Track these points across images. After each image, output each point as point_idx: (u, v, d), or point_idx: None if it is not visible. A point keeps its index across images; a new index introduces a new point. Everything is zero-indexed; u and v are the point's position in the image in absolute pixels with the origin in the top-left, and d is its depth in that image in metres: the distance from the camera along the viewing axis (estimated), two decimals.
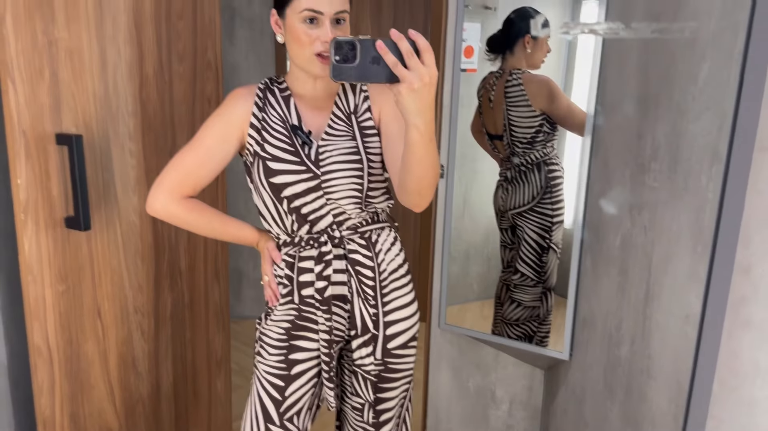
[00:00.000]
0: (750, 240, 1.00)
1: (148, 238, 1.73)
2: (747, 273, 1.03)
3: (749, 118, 0.88)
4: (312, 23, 1.23)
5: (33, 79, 1.39)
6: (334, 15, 1.23)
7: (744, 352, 1.11)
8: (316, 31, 1.23)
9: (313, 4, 1.21)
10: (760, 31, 0.89)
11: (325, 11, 1.22)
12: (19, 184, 1.41)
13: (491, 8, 2.23)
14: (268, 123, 1.33)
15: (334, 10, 1.23)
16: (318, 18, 1.22)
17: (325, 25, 1.23)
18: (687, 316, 1.19)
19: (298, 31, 1.24)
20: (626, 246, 1.54)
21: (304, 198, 1.31)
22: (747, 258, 1.02)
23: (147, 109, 1.67)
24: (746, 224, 0.97)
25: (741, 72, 0.92)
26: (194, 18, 1.77)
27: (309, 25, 1.23)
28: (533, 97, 2.12)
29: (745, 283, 1.03)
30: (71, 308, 1.57)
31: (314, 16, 1.22)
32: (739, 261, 0.98)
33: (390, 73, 0.97)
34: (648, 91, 1.45)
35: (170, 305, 1.84)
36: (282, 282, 1.39)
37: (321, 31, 1.23)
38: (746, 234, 0.99)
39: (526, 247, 2.28)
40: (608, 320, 1.65)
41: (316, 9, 1.21)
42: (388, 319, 1.40)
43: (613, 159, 1.66)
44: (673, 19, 1.35)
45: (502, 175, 2.30)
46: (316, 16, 1.22)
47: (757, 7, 0.88)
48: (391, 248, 1.42)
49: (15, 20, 1.34)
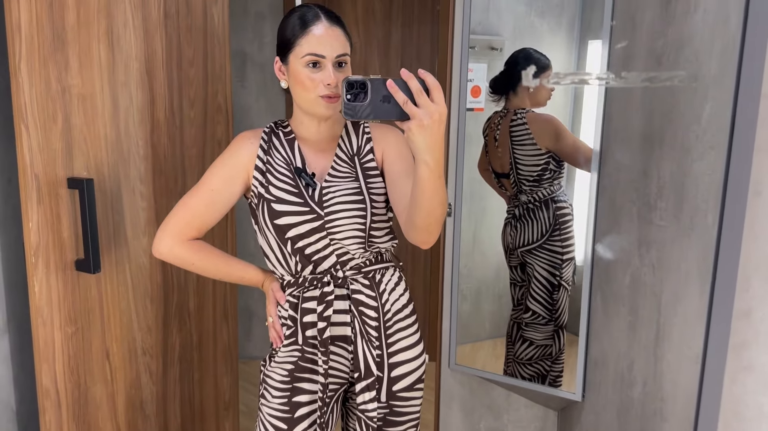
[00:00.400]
0: (749, 284, 0.99)
1: (157, 279, 1.74)
2: (747, 317, 1.02)
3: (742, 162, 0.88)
4: (315, 67, 1.26)
5: (46, 125, 1.42)
6: (336, 58, 1.27)
7: (748, 396, 1.09)
8: (319, 74, 1.26)
9: (315, 49, 1.25)
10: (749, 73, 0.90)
11: (327, 55, 1.25)
12: (31, 227, 1.43)
13: (497, 49, 2.26)
14: (273, 166, 1.35)
15: (336, 53, 1.26)
16: (320, 62, 1.26)
17: (327, 68, 1.26)
18: (697, 357, 1.17)
19: (301, 75, 1.27)
20: (635, 285, 1.53)
21: (308, 238, 1.32)
22: (747, 302, 1.01)
23: (158, 153, 1.70)
24: (744, 268, 0.97)
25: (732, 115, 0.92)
26: (205, 64, 1.81)
27: (312, 69, 1.26)
28: (538, 135, 2.14)
29: (746, 327, 1.02)
30: (80, 350, 1.57)
31: (317, 60, 1.26)
32: (738, 305, 0.97)
33: (400, 110, 1.00)
34: (652, 129, 1.46)
35: (178, 346, 1.84)
36: (286, 323, 1.39)
37: (324, 74, 1.26)
38: (745, 278, 0.98)
39: (536, 285, 2.26)
40: (620, 360, 1.63)
41: (319, 53, 1.25)
42: (392, 361, 1.39)
43: (619, 196, 1.66)
44: (675, 59, 1.36)
45: (510, 212, 2.30)
46: (318, 60, 1.26)
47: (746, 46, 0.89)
48: (395, 288, 1.42)
49: (30, 68, 1.38)
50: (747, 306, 1.00)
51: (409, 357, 1.41)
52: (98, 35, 1.51)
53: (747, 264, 0.99)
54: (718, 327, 0.93)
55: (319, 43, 1.25)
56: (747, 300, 1.00)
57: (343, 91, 1.01)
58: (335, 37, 1.27)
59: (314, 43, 1.25)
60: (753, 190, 0.98)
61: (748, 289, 0.99)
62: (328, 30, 1.27)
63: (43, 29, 1.38)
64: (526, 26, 2.27)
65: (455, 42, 2.14)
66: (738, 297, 0.97)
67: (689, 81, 1.29)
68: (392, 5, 3.07)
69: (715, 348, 0.94)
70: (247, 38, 3.06)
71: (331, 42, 1.26)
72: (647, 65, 1.50)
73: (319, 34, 1.26)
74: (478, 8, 2.19)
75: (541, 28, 2.24)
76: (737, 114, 0.91)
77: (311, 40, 1.26)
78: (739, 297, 0.98)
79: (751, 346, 1.03)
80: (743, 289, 0.98)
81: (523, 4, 2.27)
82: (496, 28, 2.27)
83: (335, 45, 1.26)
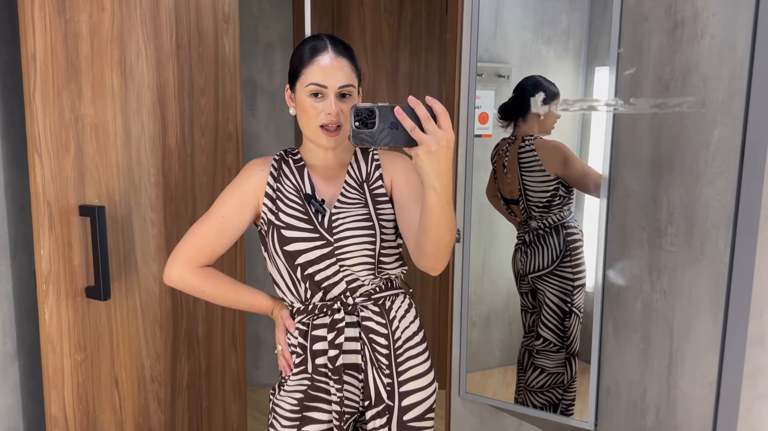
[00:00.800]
0: (762, 310, 0.98)
1: (166, 306, 1.74)
2: (762, 344, 1.01)
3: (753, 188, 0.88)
4: (317, 97, 1.28)
5: (59, 153, 1.44)
6: (339, 90, 1.28)
7: (764, 425, 1.07)
8: (321, 104, 1.28)
9: (318, 79, 1.27)
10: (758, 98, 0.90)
11: (330, 86, 1.27)
12: (42, 254, 1.44)
13: (504, 76, 2.28)
14: (283, 193, 1.36)
15: (339, 84, 1.28)
16: (323, 92, 1.28)
17: (329, 98, 1.28)
18: (711, 384, 1.16)
19: (305, 104, 1.29)
20: (647, 312, 1.52)
21: (318, 265, 1.32)
22: (760, 328, 1.00)
23: (169, 180, 1.72)
24: (757, 294, 0.96)
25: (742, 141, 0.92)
26: (216, 93, 1.83)
27: (315, 99, 1.28)
28: (547, 162, 2.14)
29: (761, 354, 1.01)
30: (89, 378, 1.57)
31: (319, 91, 1.28)
32: (752, 332, 0.96)
33: (408, 137, 1.01)
34: (661, 155, 1.46)
35: (187, 374, 1.83)
36: (295, 351, 1.38)
37: (325, 104, 1.28)
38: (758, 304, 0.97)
39: (547, 312, 2.24)
40: (632, 388, 1.61)
41: (321, 83, 1.27)
42: (403, 389, 1.38)
43: (629, 222, 1.65)
44: (682, 85, 1.37)
45: (520, 238, 2.29)
46: (321, 91, 1.28)
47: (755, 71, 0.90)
48: (405, 315, 1.41)
49: (44, 98, 1.40)
50: (761, 333, 0.99)
51: (419, 386, 1.40)
52: (111, 65, 1.53)
53: (760, 291, 0.98)
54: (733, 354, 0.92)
55: (322, 73, 1.27)
56: (761, 327, 0.99)
57: (351, 118, 1.02)
58: (340, 68, 1.29)
59: (318, 74, 1.27)
60: (765, 215, 0.98)
61: (761, 315, 0.98)
62: (333, 61, 1.28)
63: (57, 59, 1.41)
64: (533, 53, 2.29)
65: (462, 69, 2.16)
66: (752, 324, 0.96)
67: (697, 107, 1.29)
68: (400, 34, 3.11)
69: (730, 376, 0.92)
70: (258, 67, 3.10)
71: (335, 73, 1.28)
72: (655, 91, 1.50)
73: (324, 65, 1.28)
74: (485, 36, 2.21)
75: (547, 55, 2.26)
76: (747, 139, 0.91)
77: (315, 70, 1.28)
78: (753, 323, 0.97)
79: (766, 374, 1.01)
80: (756, 315, 0.97)
81: (529, 31, 2.29)
82: (503, 56, 2.29)
83: (339, 76, 1.28)
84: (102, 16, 1.49)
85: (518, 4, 2.27)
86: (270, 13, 3.07)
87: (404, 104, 1.00)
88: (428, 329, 3.38)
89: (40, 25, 1.37)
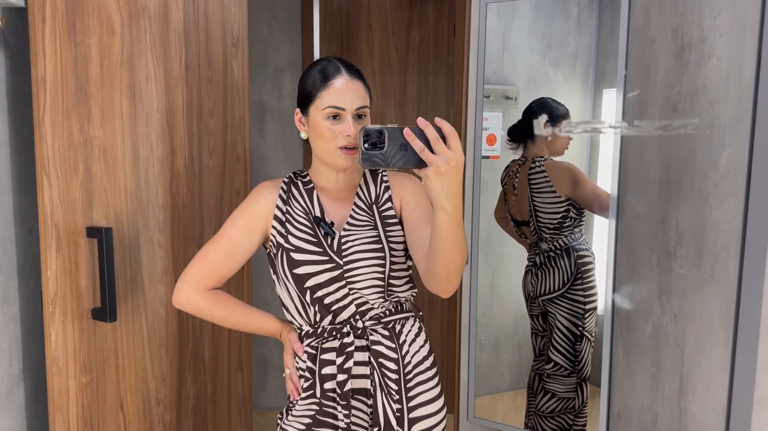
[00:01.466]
0: None
1: (173, 328, 1.74)
2: None
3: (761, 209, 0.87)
4: (335, 119, 1.28)
5: (67, 175, 1.45)
6: (356, 111, 1.29)
7: None
8: (339, 126, 1.28)
9: (336, 101, 1.27)
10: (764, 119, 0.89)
11: (348, 107, 1.28)
12: (49, 276, 1.44)
13: (512, 98, 2.29)
14: (292, 215, 1.36)
15: (356, 106, 1.28)
16: (341, 114, 1.28)
17: (347, 120, 1.28)
18: (723, 410, 1.13)
19: (321, 127, 1.29)
20: (657, 335, 1.50)
21: (327, 288, 1.32)
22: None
23: (177, 202, 1.72)
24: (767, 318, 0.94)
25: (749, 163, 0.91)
26: (225, 115, 1.85)
27: (332, 121, 1.28)
28: (557, 183, 2.13)
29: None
30: (94, 400, 1.56)
31: (337, 113, 1.28)
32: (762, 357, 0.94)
33: (417, 158, 1.01)
34: (669, 177, 1.45)
35: (193, 396, 1.82)
36: (304, 375, 1.37)
37: (344, 126, 1.28)
38: None
39: (558, 335, 2.22)
40: (643, 413, 1.58)
41: (339, 106, 1.27)
42: (413, 415, 1.35)
43: (639, 244, 1.63)
44: (690, 107, 1.36)
45: (531, 260, 2.28)
46: (338, 113, 1.28)
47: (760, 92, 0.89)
48: (416, 339, 1.40)
49: (53, 120, 1.41)
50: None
51: (429, 412, 1.38)
52: (121, 88, 1.55)
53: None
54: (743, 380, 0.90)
55: (339, 96, 1.28)
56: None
57: (360, 140, 1.03)
58: (355, 90, 1.29)
59: (335, 96, 1.28)
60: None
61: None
62: (348, 83, 1.29)
63: (67, 82, 1.43)
64: (541, 76, 2.30)
65: (470, 91, 2.16)
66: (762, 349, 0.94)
67: (705, 128, 1.29)
68: (408, 57, 3.13)
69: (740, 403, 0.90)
70: (267, 90, 3.13)
71: (351, 95, 1.28)
72: (662, 113, 1.50)
73: (340, 87, 1.28)
74: (493, 59, 2.23)
75: (555, 77, 2.27)
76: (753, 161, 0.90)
77: (332, 93, 1.28)
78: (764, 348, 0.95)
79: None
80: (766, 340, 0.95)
81: (537, 54, 2.30)
82: (511, 78, 2.30)
83: (355, 98, 1.29)
84: (112, 40, 1.51)
85: (525, 27, 2.29)
86: (279, 36, 3.11)
87: (413, 126, 1.00)
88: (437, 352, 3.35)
89: (51, 49, 1.38)
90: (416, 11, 3.11)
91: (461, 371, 2.28)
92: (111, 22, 1.51)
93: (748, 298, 0.92)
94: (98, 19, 1.48)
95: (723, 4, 1.23)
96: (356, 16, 3.11)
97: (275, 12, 3.10)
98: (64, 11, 1.40)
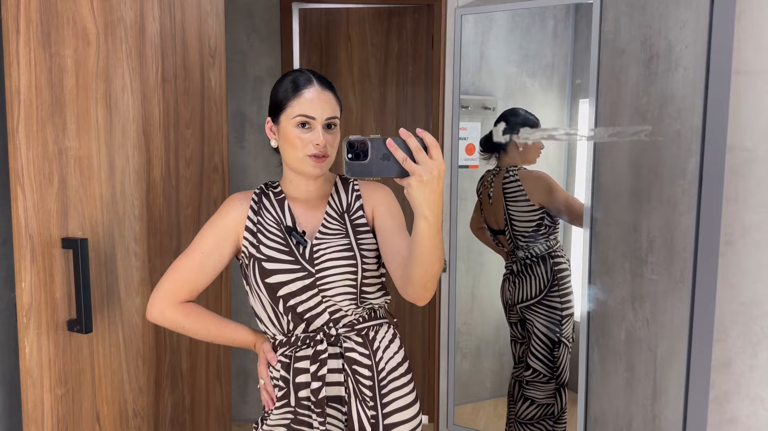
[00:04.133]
0: (727, 334, 0.98)
1: (150, 339, 1.73)
2: (727, 368, 1.01)
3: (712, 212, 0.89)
4: (304, 128, 1.31)
5: (42, 186, 1.44)
6: (326, 121, 1.31)
7: None
8: (308, 135, 1.30)
9: (306, 110, 1.29)
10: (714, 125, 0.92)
11: (318, 117, 1.30)
12: (24, 287, 1.43)
13: (490, 108, 2.32)
14: (263, 226, 1.37)
15: (326, 116, 1.31)
16: (310, 123, 1.30)
17: (317, 129, 1.30)
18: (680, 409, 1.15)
19: (291, 135, 1.31)
20: (631, 340, 1.52)
21: (300, 296, 1.32)
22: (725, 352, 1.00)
23: (153, 213, 1.72)
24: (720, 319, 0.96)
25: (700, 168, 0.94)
26: (202, 126, 1.85)
27: (302, 130, 1.30)
28: (531, 191, 2.16)
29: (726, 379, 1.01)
30: (69, 413, 1.55)
31: (306, 121, 1.30)
32: (717, 356, 0.96)
33: (400, 168, 1.03)
34: (640, 185, 1.48)
35: (170, 408, 1.81)
36: (278, 384, 1.37)
37: (313, 135, 1.30)
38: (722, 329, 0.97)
39: (536, 342, 2.24)
40: (618, 418, 1.60)
41: (309, 114, 1.29)
42: (387, 422, 1.36)
43: (612, 252, 1.66)
44: (659, 116, 1.39)
45: (508, 268, 2.30)
46: (308, 121, 1.30)
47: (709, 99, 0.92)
48: (389, 345, 1.40)
49: (28, 131, 1.40)
50: (726, 357, 0.99)
51: (405, 418, 1.38)
52: (96, 98, 1.54)
53: (723, 315, 0.98)
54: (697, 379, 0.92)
55: (310, 105, 1.30)
56: (726, 351, 0.99)
57: (344, 151, 1.05)
58: (326, 101, 1.32)
59: (305, 105, 1.30)
60: (724, 240, 0.99)
61: (726, 340, 0.99)
62: (319, 94, 1.31)
63: (41, 93, 1.42)
64: (518, 86, 2.33)
65: (446, 102, 2.19)
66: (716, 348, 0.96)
67: (673, 136, 1.32)
68: (387, 68, 3.16)
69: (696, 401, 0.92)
70: (246, 100, 3.14)
71: (322, 105, 1.30)
72: (633, 121, 1.53)
73: (311, 98, 1.30)
74: (471, 69, 2.25)
75: (532, 88, 2.31)
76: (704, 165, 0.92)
77: (303, 102, 1.30)
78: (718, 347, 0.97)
79: (732, 398, 1.01)
80: (721, 339, 0.97)
81: (514, 65, 2.34)
82: (489, 89, 2.33)
83: (325, 108, 1.31)
84: (87, 51, 1.51)
85: (502, 39, 2.32)
86: (259, 47, 3.12)
87: (395, 136, 1.02)
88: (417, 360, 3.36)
89: (25, 60, 1.38)
90: (395, 22, 3.14)
91: (440, 379, 2.29)
92: (86, 32, 1.51)
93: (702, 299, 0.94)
94: (73, 29, 1.48)
95: (688, 16, 1.27)
96: (335, 27, 3.13)
97: (255, 23, 3.11)
98: (38, 22, 1.40)
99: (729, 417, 1.03)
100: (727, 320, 0.99)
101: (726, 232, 0.97)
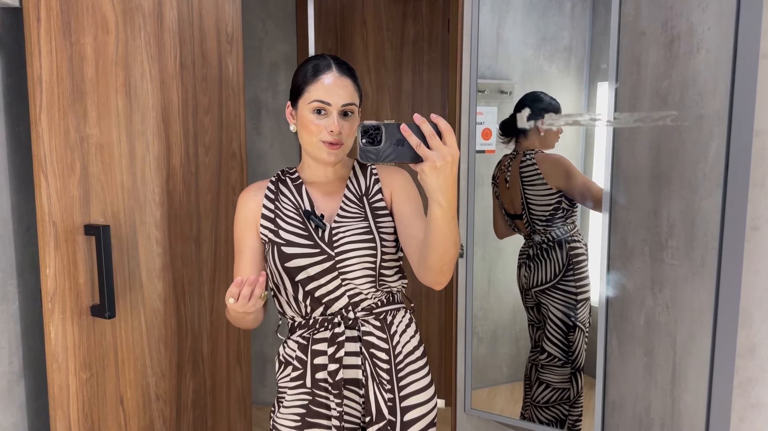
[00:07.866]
0: (752, 320, 0.98)
1: (171, 324, 1.75)
2: (752, 354, 1.00)
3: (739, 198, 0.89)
4: (320, 114, 1.31)
5: (64, 174, 1.46)
6: (342, 107, 1.31)
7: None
8: (324, 121, 1.31)
9: (322, 96, 1.30)
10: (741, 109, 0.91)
11: (333, 103, 1.30)
12: (48, 273, 1.45)
13: (507, 92, 2.30)
14: (282, 211, 1.38)
15: (342, 102, 1.30)
16: (326, 109, 1.30)
17: (332, 116, 1.30)
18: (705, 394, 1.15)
19: (307, 120, 1.31)
20: (650, 325, 1.51)
21: (319, 280, 1.33)
22: (750, 338, 1.00)
23: (173, 199, 1.74)
24: (745, 305, 0.96)
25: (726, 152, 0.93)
26: (220, 113, 1.86)
27: (317, 116, 1.31)
28: (548, 175, 2.15)
29: (751, 364, 1.00)
30: (94, 396, 1.58)
31: (322, 107, 1.30)
32: (742, 342, 0.96)
33: (414, 153, 1.03)
34: (660, 168, 1.47)
35: (192, 391, 1.84)
36: (293, 364, 1.39)
37: (328, 121, 1.30)
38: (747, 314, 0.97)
39: (551, 326, 2.24)
40: (637, 402, 1.60)
41: (325, 100, 1.30)
42: (405, 404, 1.38)
43: (631, 236, 1.65)
44: (680, 99, 1.38)
45: (524, 252, 2.30)
46: (324, 107, 1.30)
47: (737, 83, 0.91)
48: (406, 329, 1.42)
49: (50, 119, 1.42)
50: (750, 343, 0.99)
51: (421, 401, 1.40)
52: (116, 86, 1.56)
53: (748, 301, 0.98)
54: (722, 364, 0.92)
55: (326, 91, 1.30)
56: (750, 337, 0.99)
57: (359, 136, 1.05)
58: (343, 87, 1.31)
59: (322, 91, 1.30)
60: (750, 225, 0.98)
61: (751, 325, 0.98)
62: (337, 80, 1.31)
63: (63, 81, 1.44)
64: (535, 70, 2.31)
65: (463, 86, 2.18)
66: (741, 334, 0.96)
67: (695, 120, 1.30)
68: (403, 53, 3.14)
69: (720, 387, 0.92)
70: (262, 87, 3.14)
71: (339, 91, 1.30)
72: (653, 105, 1.51)
73: (328, 84, 1.30)
74: (487, 54, 2.24)
75: (549, 71, 2.28)
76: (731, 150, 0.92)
77: (319, 88, 1.30)
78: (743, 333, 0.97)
79: (757, 383, 1.01)
80: (746, 325, 0.97)
81: (531, 48, 2.31)
82: (506, 73, 2.31)
83: (342, 94, 1.31)
84: (107, 39, 1.52)
85: (519, 21, 2.30)
86: (274, 33, 3.11)
87: (410, 122, 1.02)
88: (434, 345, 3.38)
89: (46, 48, 1.39)
90: (410, 7, 3.12)
91: (458, 363, 2.30)
92: (105, 20, 1.52)
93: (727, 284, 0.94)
94: (93, 18, 1.49)
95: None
96: (350, 12, 3.11)
97: (270, 9, 3.11)
98: (58, 11, 1.41)
99: (753, 403, 1.02)
100: (752, 306, 0.98)
101: (752, 217, 0.97)
